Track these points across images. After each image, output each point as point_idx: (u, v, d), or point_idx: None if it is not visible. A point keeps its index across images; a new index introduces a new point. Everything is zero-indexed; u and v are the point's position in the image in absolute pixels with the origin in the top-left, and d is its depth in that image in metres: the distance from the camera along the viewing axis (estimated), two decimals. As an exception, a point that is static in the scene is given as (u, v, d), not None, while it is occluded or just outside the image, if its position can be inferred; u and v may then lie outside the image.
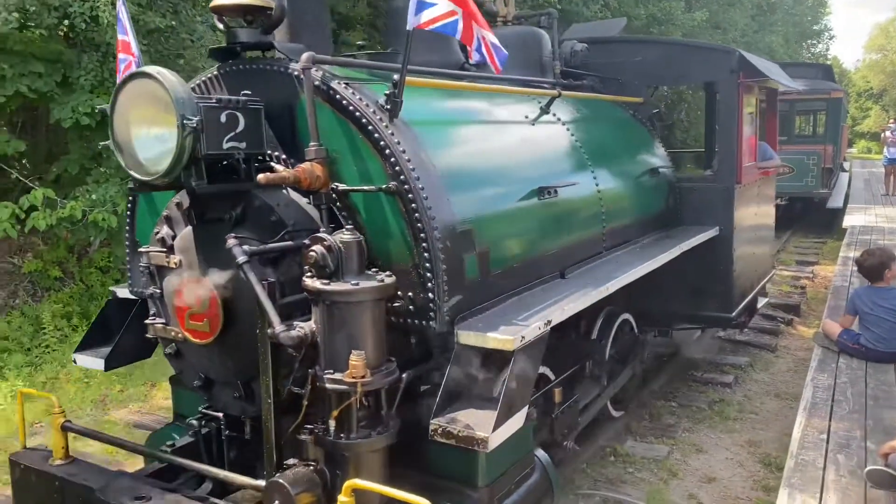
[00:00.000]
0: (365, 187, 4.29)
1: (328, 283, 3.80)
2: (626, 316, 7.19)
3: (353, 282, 3.80)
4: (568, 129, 6.05)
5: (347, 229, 3.95)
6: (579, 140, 6.07)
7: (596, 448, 6.92)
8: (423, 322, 4.24)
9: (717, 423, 7.74)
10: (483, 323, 4.33)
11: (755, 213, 8.40)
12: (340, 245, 3.86)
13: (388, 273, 4.00)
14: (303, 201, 4.48)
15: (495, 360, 4.17)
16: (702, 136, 9.20)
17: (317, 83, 4.35)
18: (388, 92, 4.26)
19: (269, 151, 4.52)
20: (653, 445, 7.15)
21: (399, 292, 4.28)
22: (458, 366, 4.21)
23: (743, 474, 6.69)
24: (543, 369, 5.81)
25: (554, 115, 6.04)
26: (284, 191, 4.48)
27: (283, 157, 4.51)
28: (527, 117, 5.67)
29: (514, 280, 4.86)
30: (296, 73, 4.36)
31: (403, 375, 4.21)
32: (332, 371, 3.82)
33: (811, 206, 21.62)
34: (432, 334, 4.27)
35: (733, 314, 7.60)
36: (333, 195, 4.36)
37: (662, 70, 7.67)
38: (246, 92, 4.44)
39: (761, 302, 9.28)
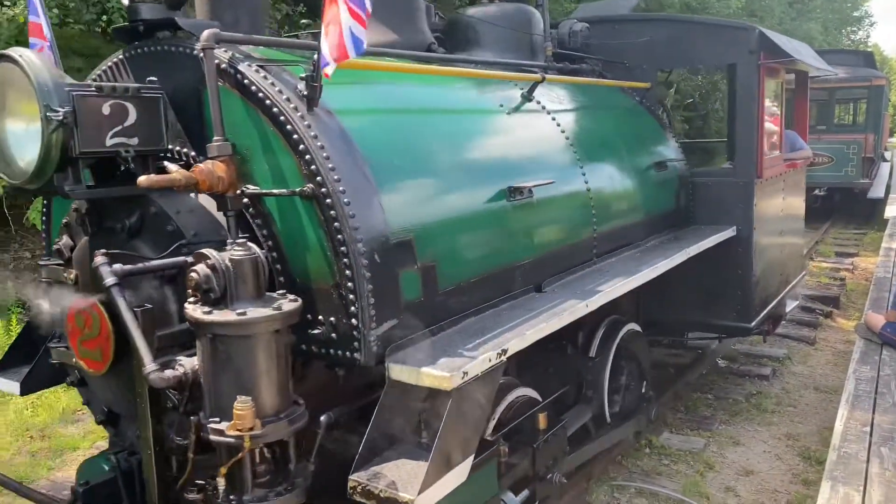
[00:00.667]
0: (275, 191, 3.42)
1: (210, 312, 2.95)
2: (633, 326, 6.22)
3: (240, 310, 2.94)
4: (554, 119, 5.10)
5: (238, 244, 3.09)
6: (567, 131, 5.12)
7: (630, 439, 6.49)
8: (347, 353, 3.37)
9: (755, 415, 7.32)
10: (423, 353, 3.43)
11: (781, 210, 7.33)
12: (228, 264, 3.00)
13: (292, 297, 3.14)
14: (214, 207, 3.63)
15: (432, 400, 3.29)
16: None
17: (224, 65, 3.50)
18: (304, 75, 3.39)
19: (177, 148, 3.69)
20: (689, 437, 6.78)
21: (320, 317, 3.43)
22: (388, 407, 3.34)
23: (781, 468, 6.31)
24: (528, 391, 4.92)
25: (538, 102, 5.10)
26: (193, 195, 3.65)
27: (193, 154, 3.66)
28: (502, 106, 4.75)
29: (471, 298, 3.96)
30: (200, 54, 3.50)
31: (323, 418, 3.36)
32: (217, 420, 2.97)
33: (851, 196, 20.26)
34: (360, 368, 3.40)
35: (752, 324, 6.57)
36: (243, 200, 3.50)
37: (673, 51, 6.64)
38: (151, 78, 3.63)
39: (791, 305, 8.20)
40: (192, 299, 3.04)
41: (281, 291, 3.20)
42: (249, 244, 3.11)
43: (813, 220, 18.06)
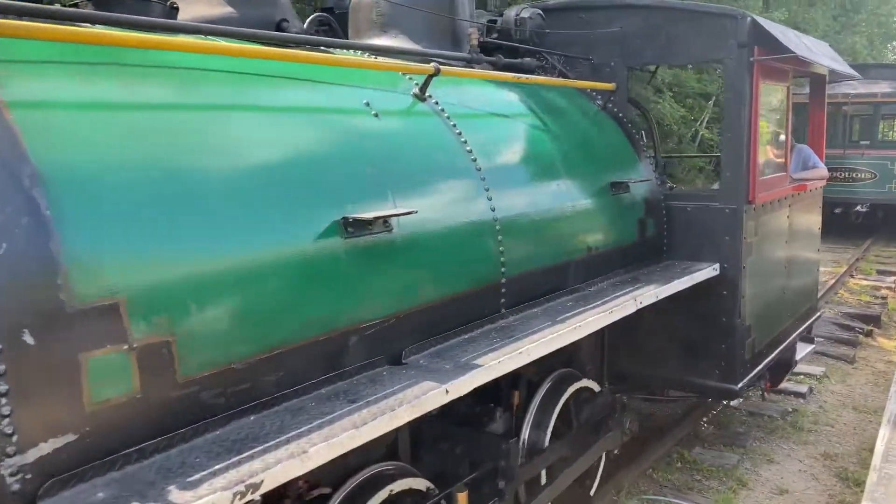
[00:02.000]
0: None
1: None
2: (586, 384, 4.66)
3: None
4: (455, 126, 3.59)
5: None
6: (472, 141, 3.60)
7: (662, 452, 6.01)
8: (-27, 490, 1.94)
9: (791, 433, 6.68)
10: (108, 492, 1.98)
11: (786, 241, 5.63)
12: None
13: None
14: None
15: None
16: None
17: None
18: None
19: None
20: (722, 453, 6.16)
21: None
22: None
23: (818, 487, 5.74)
24: (417, 482, 3.48)
25: (436, 103, 3.61)
26: None
27: None
28: (368, 105, 3.26)
29: (254, 385, 2.49)
30: None
31: None
32: None
33: (894, 213, 18.59)
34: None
35: (738, 386, 4.92)
36: None
37: (648, 44, 5.02)
38: None
39: (804, 351, 6.48)
40: None
41: None
42: None
43: (854, 237, 17.43)
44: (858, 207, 18.14)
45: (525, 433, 4.26)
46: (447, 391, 2.74)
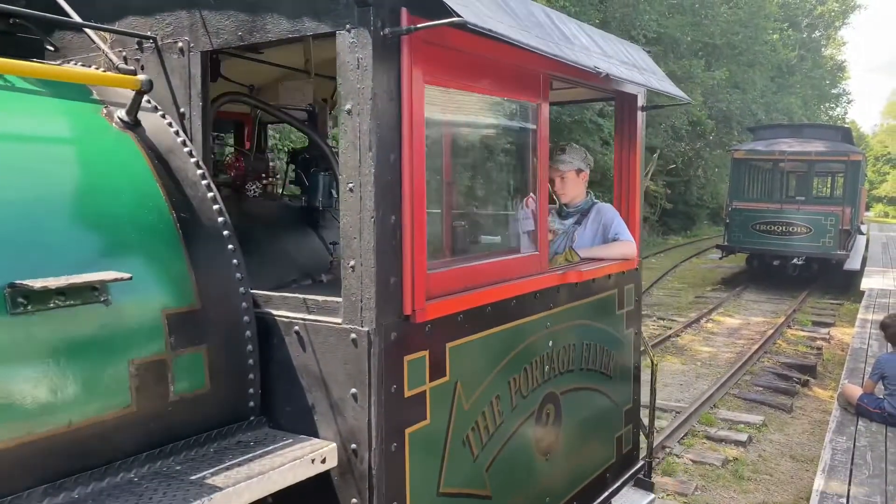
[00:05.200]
0: None
1: None
2: None
3: None
4: None
5: None
6: None
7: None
8: None
9: (731, 482, 6.05)
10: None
11: (538, 371, 2.71)
12: None
13: None
14: None
15: None
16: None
17: None
18: None
19: None
20: (665, 501, 5.49)
21: None
22: None
23: None
24: None
25: None
26: None
27: None
28: None
29: None
30: None
31: None
32: None
33: (828, 266, 16.61)
34: None
35: None
36: None
37: (226, 10, 2.15)
38: None
39: None
40: None
41: None
42: None
43: (791, 289, 16.01)
44: (795, 260, 16.29)
45: None
46: None
